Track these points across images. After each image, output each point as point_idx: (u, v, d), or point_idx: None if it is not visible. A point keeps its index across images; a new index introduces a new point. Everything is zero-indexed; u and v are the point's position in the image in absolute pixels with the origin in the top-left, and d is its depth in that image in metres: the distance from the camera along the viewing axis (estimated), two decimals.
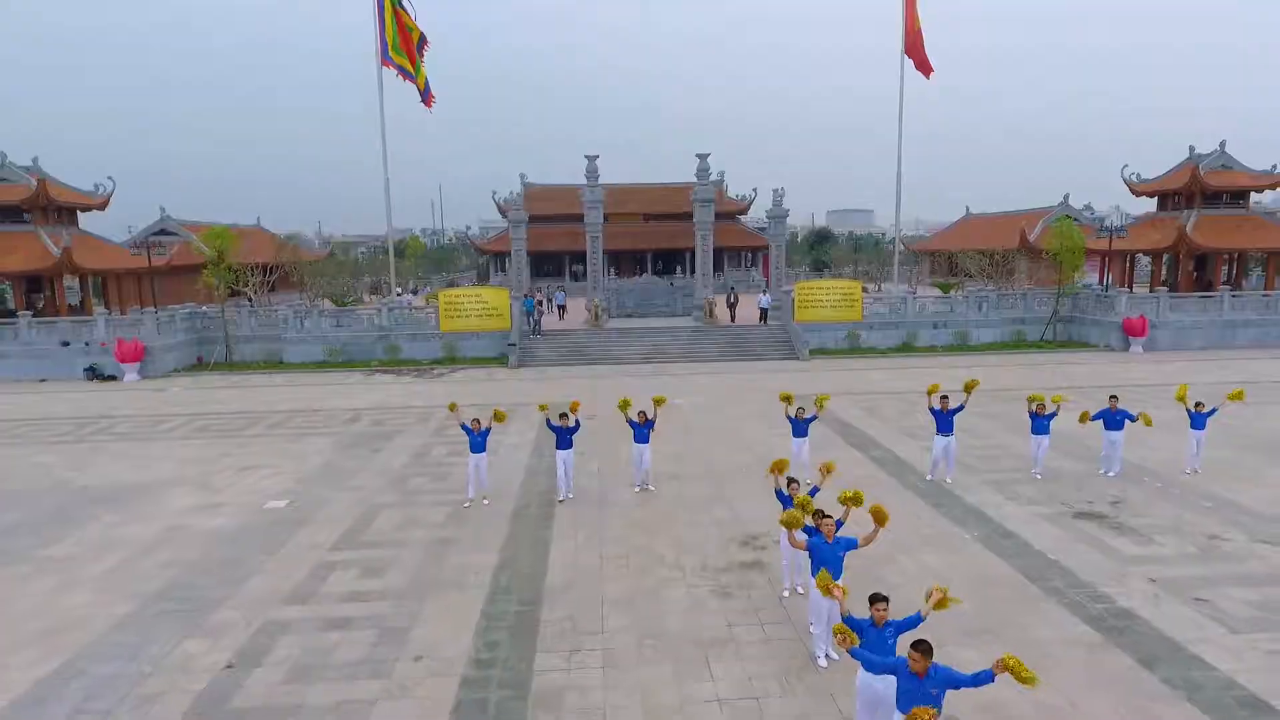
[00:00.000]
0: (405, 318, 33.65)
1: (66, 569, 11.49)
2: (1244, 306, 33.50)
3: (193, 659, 8.83)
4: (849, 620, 6.41)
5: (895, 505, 13.30)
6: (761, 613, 9.74)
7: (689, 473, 15.78)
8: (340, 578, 10.98)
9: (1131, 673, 8.28)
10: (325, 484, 15.49)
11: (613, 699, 7.91)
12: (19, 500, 14.79)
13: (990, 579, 10.61)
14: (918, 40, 41.82)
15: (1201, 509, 13.26)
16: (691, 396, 23.67)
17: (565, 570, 11.11)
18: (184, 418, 22.25)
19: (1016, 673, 5.40)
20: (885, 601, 6.52)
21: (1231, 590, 10.14)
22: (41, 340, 30.13)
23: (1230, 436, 17.95)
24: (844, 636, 6.06)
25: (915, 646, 5.76)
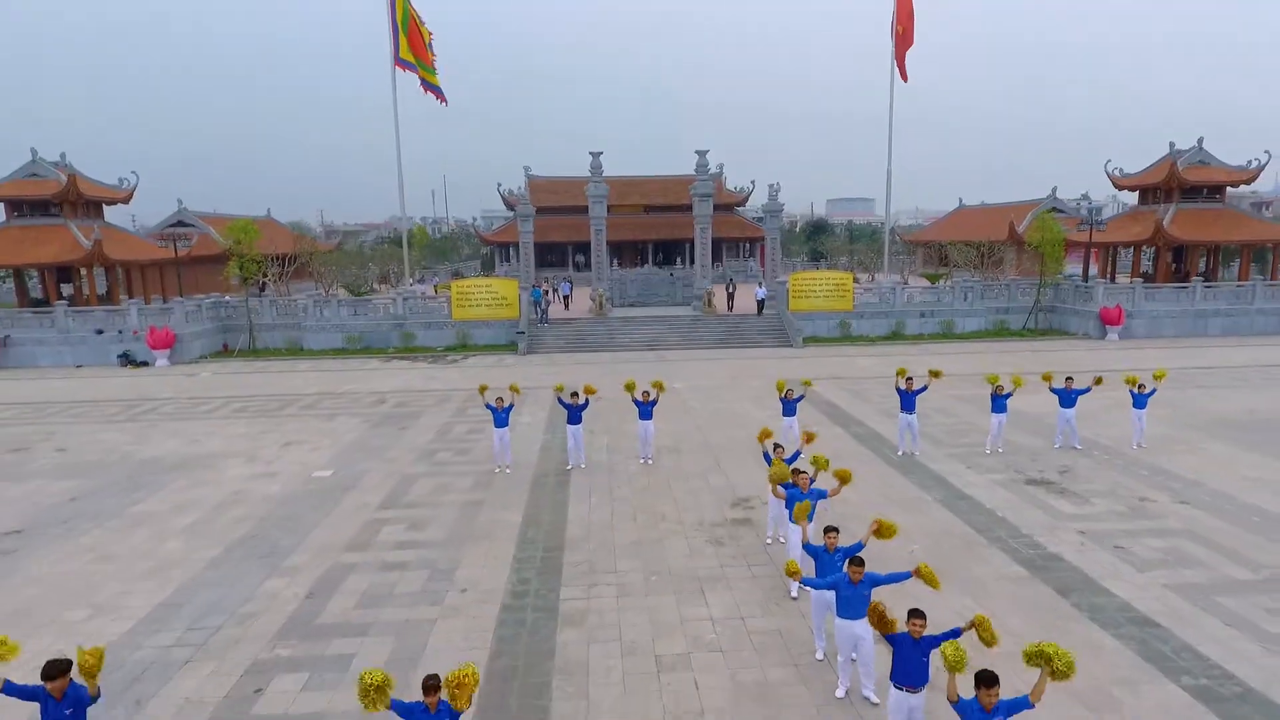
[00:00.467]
0: (419, 307, 35.41)
1: (155, 523, 13.35)
2: (1215, 297, 35.30)
3: (278, 590, 10.70)
4: (807, 547, 8.28)
5: (869, 473, 15.25)
6: (748, 557, 11.61)
7: (687, 447, 17.63)
8: (390, 531, 12.85)
9: (1050, 599, 10.15)
10: (362, 457, 17.34)
11: (626, 618, 9.78)
12: (97, 470, 16.65)
13: (944, 532, 12.47)
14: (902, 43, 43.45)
15: (1139, 476, 15.11)
16: (690, 381, 25.49)
17: (582, 524, 12.98)
18: (221, 400, 24.08)
19: (928, 579, 7.22)
20: (836, 532, 8.36)
21: (1146, 540, 12.00)
22: (77, 328, 31.93)
23: (1180, 415, 19.83)
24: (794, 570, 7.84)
25: (853, 563, 7.60)
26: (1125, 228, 41.03)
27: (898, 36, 44.31)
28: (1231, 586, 10.37)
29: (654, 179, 61.71)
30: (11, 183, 35.36)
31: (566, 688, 8.31)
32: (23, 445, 18.89)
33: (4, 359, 31.17)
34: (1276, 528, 12.35)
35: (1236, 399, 21.85)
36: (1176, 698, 7.98)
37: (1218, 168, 39.44)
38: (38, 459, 17.73)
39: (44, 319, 32.03)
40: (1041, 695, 5.59)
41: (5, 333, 31.35)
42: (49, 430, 20.41)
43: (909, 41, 46.66)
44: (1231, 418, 19.70)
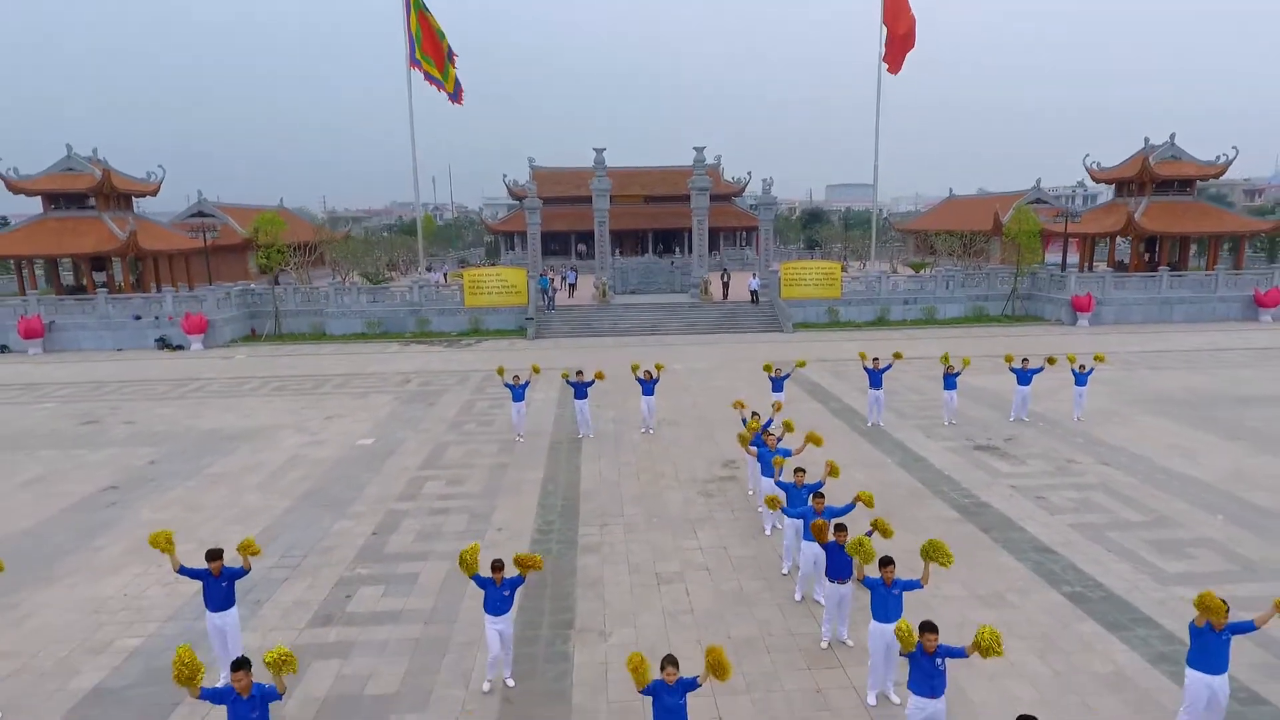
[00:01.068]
0: (433, 294, 37.67)
1: (230, 481, 15.75)
2: (1180, 285, 37.58)
3: (348, 529, 13.10)
4: (779, 483, 10.66)
5: (841, 441, 17.65)
6: (732, 505, 14.01)
7: (684, 420, 20.02)
8: (432, 486, 15.25)
9: (973, 534, 12.56)
10: (399, 428, 19.73)
11: (632, 548, 12.19)
12: (166, 439, 19.04)
13: (896, 486, 14.87)
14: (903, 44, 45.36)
15: (1073, 444, 17.49)
16: (688, 363, 27.84)
17: (593, 480, 15.39)
18: (260, 380, 26.43)
19: (868, 501, 9.54)
20: (803, 472, 10.76)
21: (1064, 492, 14.40)
22: (116, 314, 34.23)
23: (1124, 392, 22.22)
24: (773, 501, 10.22)
25: (815, 496, 9.98)
26: (1100, 219, 43.25)
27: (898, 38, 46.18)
28: (1122, 525, 12.78)
29: (654, 170, 63.76)
30: (48, 177, 37.48)
31: (587, 594, 10.73)
32: (94, 419, 21.28)
33: (49, 343, 33.50)
34: (1175, 482, 14.74)
35: (1180, 379, 24.20)
36: (1055, 600, 10.39)
37: (1188, 162, 41.57)
38: (110, 430, 20.11)
39: (85, 305, 34.32)
40: (927, 579, 7.98)
41: (50, 318, 33.64)
42: (112, 406, 22.79)
43: (910, 43, 48.59)
44: (1171, 395, 22.07)
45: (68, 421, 21.04)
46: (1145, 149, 42.20)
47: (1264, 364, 26.37)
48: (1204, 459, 16.13)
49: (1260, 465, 15.68)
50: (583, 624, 9.98)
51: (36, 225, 37.60)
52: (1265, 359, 27.26)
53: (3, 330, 33.66)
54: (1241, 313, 37.23)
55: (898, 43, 46.65)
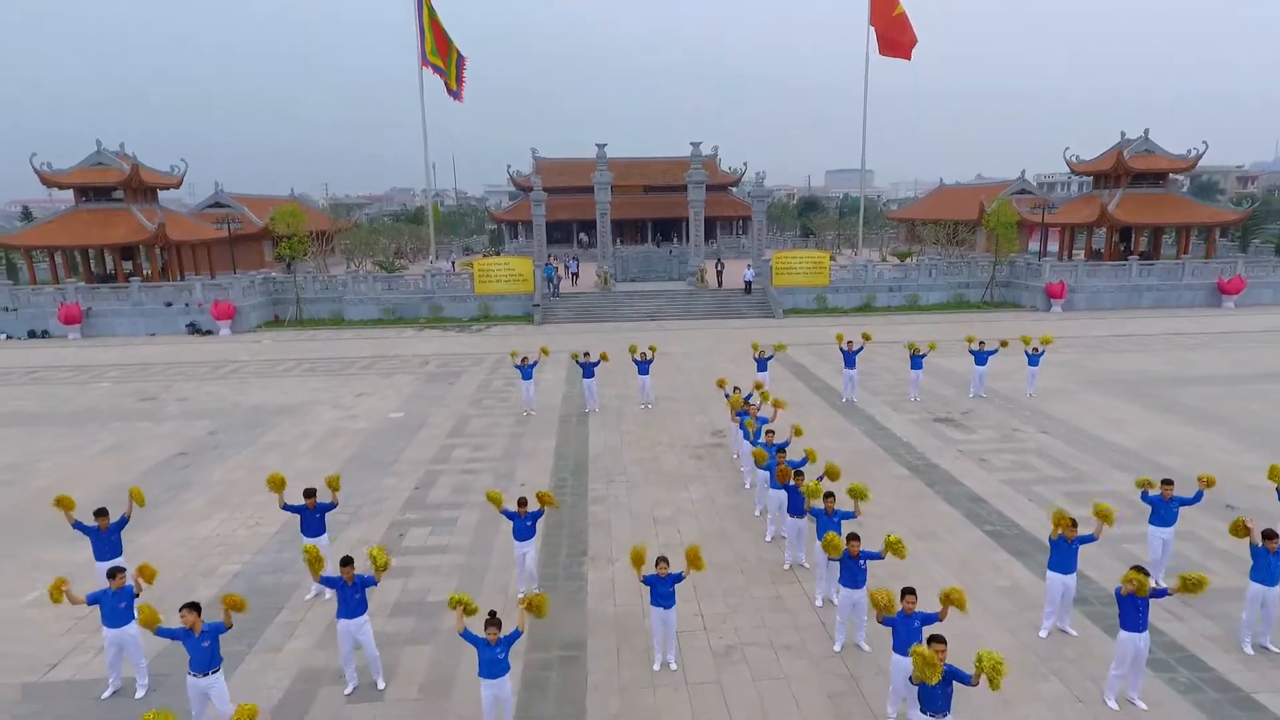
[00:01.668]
0: (445, 282, 39.93)
1: (283, 449, 18.13)
2: (1149, 274, 39.84)
3: (394, 485, 15.50)
4: (757, 442, 13.03)
5: (817, 413, 20.03)
6: (718, 466, 16.40)
7: (679, 396, 22.39)
8: (460, 451, 17.64)
9: (919, 488, 14.94)
10: (424, 403, 22.10)
11: (633, 498, 14.58)
12: (218, 414, 21.41)
13: (860, 451, 17.25)
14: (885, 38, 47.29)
15: (1021, 417, 19.86)
16: (684, 346, 30.17)
17: (599, 446, 17.77)
18: (291, 362, 28.77)
19: (831, 472, 11.85)
20: (772, 433, 13.13)
21: (1004, 455, 16.78)
22: (149, 301, 36.52)
23: (1079, 373, 24.58)
24: (760, 454, 12.55)
25: (780, 451, 12.34)
26: (1077, 210, 45.44)
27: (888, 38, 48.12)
28: (1046, 481, 15.17)
29: (653, 160, 65.73)
30: (79, 171, 39.61)
31: (597, 533, 13.14)
32: (150, 396, 23.65)
33: (87, 328, 35.79)
34: (1100, 448, 17.12)
35: (1132, 361, 26.54)
36: (977, 536, 12.79)
37: (1161, 156, 43.71)
38: (167, 406, 22.48)
39: (120, 293, 36.59)
40: (859, 510, 10.27)
41: (88, 305, 35.92)
42: (162, 385, 25.14)
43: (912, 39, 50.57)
44: (1120, 375, 24.42)
45: (126, 399, 23.41)
46: (1121, 143, 44.32)
47: (1212, 347, 28.70)
48: (1131, 429, 18.51)
49: (1178, 434, 18.06)
50: (594, 553, 12.38)
51: (70, 217, 39.77)
52: (1215, 343, 29.59)
53: (43, 316, 35.97)
54: (1206, 299, 39.50)
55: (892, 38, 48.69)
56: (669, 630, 9.24)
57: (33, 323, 35.91)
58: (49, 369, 28.21)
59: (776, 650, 9.67)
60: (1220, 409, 20.08)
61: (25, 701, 8.95)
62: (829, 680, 9.05)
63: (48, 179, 39.09)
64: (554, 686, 9.01)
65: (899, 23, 50.13)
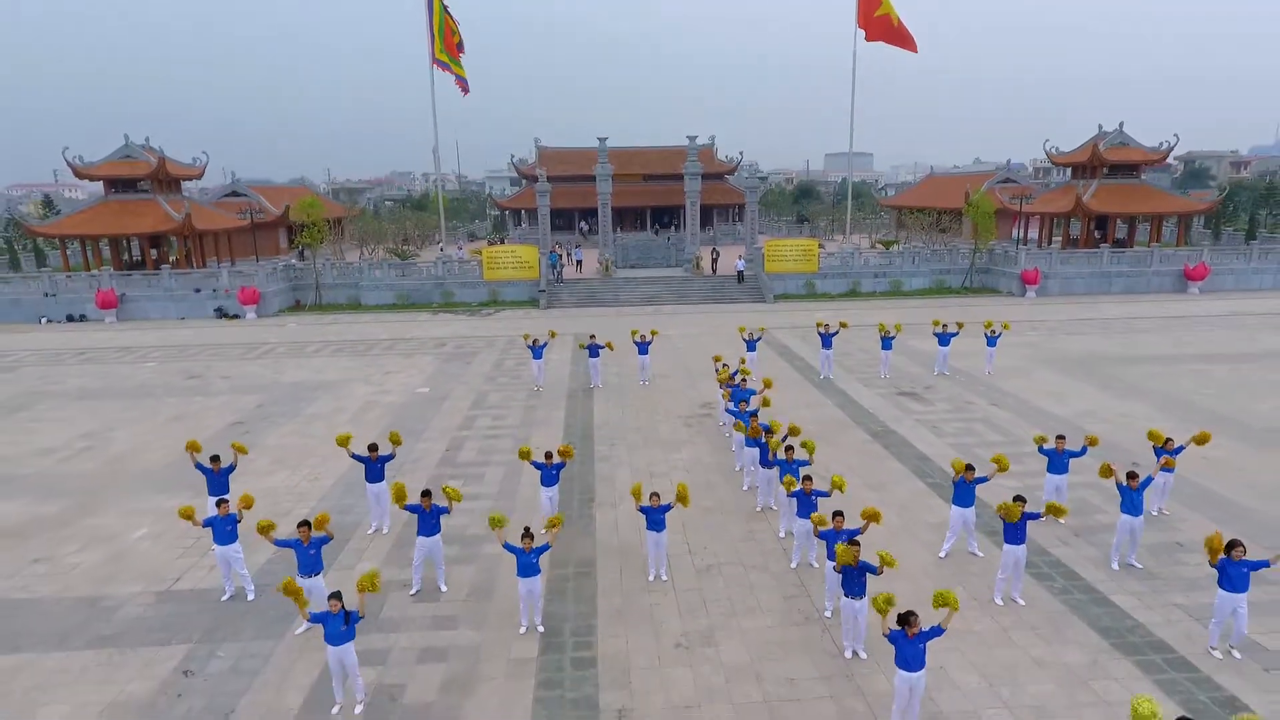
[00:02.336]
0: (456, 269, 42.34)
1: (325, 419, 20.67)
2: (1120, 261, 42.25)
3: (427, 448, 18.06)
4: (730, 410, 15.58)
5: (796, 389, 22.57)
6: (707, 433, 18.97)
7: (674, 374, 24.92)
8: (482, 420, 20.21)
9: (877, 449, 17.51)
10: (446, 380, 24.64)
11: (633, 457, 17.16)
12: (261, 390, 23.95)
13: (830, 420, 19.81)
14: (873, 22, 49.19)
15: (976, 391, 22.41)
16: (679, 329, 32.67)
17: (603, 417, 20.34)
18: (318, 344, 31.28)
19: (793, 430, 14.44)
20: (745, 403, 15.68)
21: (954, 423, 19.35)
22: (179, 287, 38.95)
23: (1037, 353, 27.10)
24: (740, 427, 15.08)
25: (754, 416, 14.88)
26: (1055, 200, 47.75)
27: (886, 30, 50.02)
28: (986, 444, 17.73)
29: (652, 149, 67.83)
30: (109, 164, 41.87)
31: (603, 484, 15.72)
32: (195, 375, 26.18)
33: (121, 313, 38.25)
34: (1039, 417, 19.65)
35: (1089, 342, 29.05)
36: (919, 487, 15.35)
37: (1134, 148, 45.97)
38: (213, 383, 25.01)
39: (152, 279, 39.03)
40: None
41: (122, 291, 38.34)
42: (204, 365, 27.67)
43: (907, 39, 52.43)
44: (1074, 355, 26.94)
45: (175, 377, 25.94)
46: (1097, 136, 46.56)
47: (1166, 331, 31.21)
48: (1070, 402, 21.06)
49: (1110, 406, 20.62)
50: (600, 499, 14.98)
51: (100, 207, 42.10)
52: (1170, 326, 32.10)
53: (80, 302, 38.42)
54: (1173, 285, 41.94)
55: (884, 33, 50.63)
56: (660, 550, 11.82)
57: (70, 307, 38.35)
58: (97, 350, 30.73)
59: (746, 568, 12.27)
60: (1152, 384, 22.63)
61: (161, 604, 11.54)
62: (785, 587, 11.65)
63: (80, 171, 41.36)
64: (572, 591, 11.62)
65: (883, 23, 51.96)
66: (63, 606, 11.45)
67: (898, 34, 50.70)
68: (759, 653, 10.03)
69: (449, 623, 10.87)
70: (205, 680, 9.66)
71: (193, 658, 10.14)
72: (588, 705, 9.06)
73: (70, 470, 17.22)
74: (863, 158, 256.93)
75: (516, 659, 10.00)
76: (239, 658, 10.11)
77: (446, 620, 10.93)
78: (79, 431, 20.02)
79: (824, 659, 9.90)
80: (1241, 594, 9.59)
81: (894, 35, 50.79)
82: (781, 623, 10.73)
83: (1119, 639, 10.16)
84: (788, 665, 9.77)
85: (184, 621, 11.01)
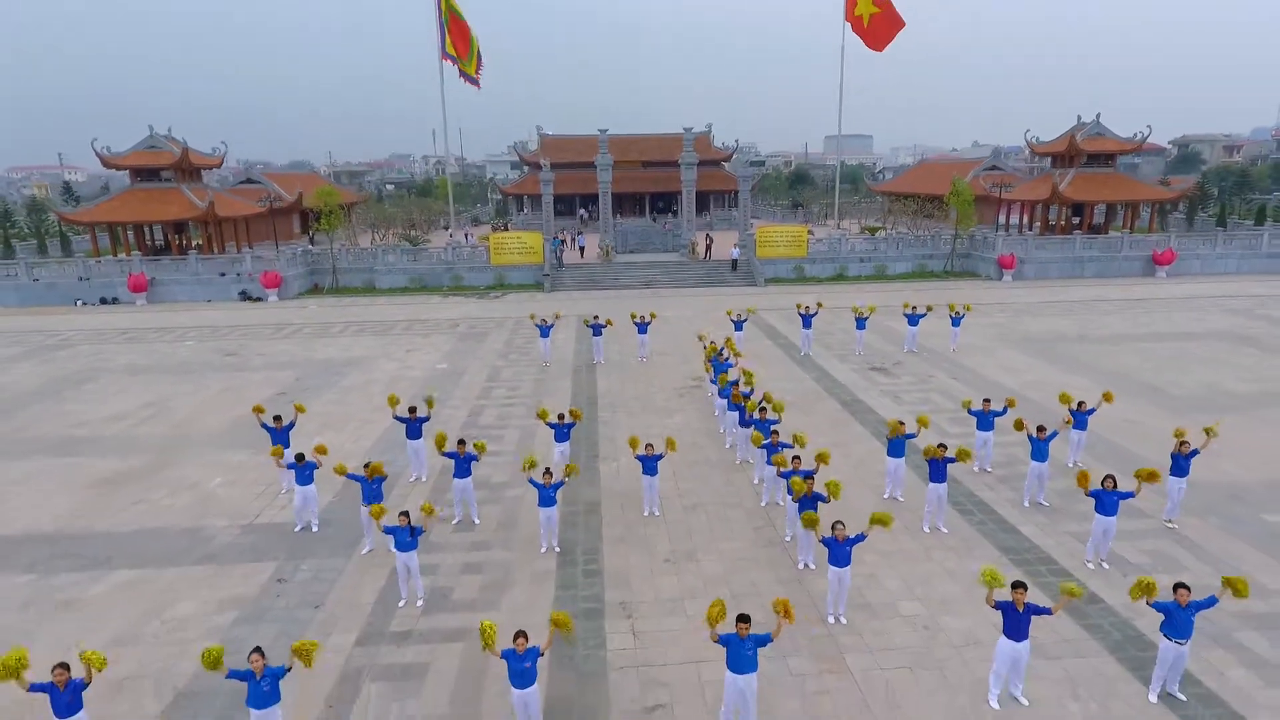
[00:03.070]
0: (465, 254, 44.76)
1: (359, 390, 23.26)
2: (1091, 246, 44.68)
3: (452, 413, 20.67)
4: (712, 381, 18.18)
5: (778, 364, 25.17)
6: (697, 402, 21.57)
7: (669, 352, 27.49)
8: (498, 391, 22.81)
9: (844, 415, 20.12)
10: (462, 356, 27.21)
11: (632, 422, 19.77)
12: (295, 365, 26.51)
13: (806, 392, 22.41)
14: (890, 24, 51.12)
15: (940, 367, 24.99)
16: (675, 310, 35.19)
17: (605, 387, 22.94)
18: (341, 324, 33.80)
19: (767, 397, 17.04)
20: (725, 374, 18.27)
21: (915, 393, 21.95)
22: (205, 271, 41.40)
23: (1001, 333, 29.64)
24: (723, 378, 17.65)
25: (735, 386, 17.46)
26: (1035, 188, 50.07)
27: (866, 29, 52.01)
28: (938, 410, 20.33)
29: (650, 137, 69.94)
30: (135, 154, 44.13)
31: (605, 443, 18.34)
32: (232, 352, 28.73)
33: (151, 296, 40.72)
34: (990, 387, 22.20)
35: (1051, 323, 31.59)
36: (875, 445, 17.95)
37: (1110, 139, 48.25)
38: (250, 360, 27.57)
39: (179, 264, 41.47)
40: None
41: (152, 275, 40.79)
42: (238, 344, 30.21)
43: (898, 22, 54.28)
44: (1035, 335, 29.49)
45: (213, 355, 28.49)
46: (1075, 126, 48.80)
47: (1125, 312, 33.74)
48: (1021, 375, 23.66)
49: (1055, 378, 23.19)
50: (604, 455, 17.63)
51: (127, 195, 44.43)
52: (1130, 308, 34.63)
53: (111, 285, 40.86)
54: (1142, 270, 44.39)
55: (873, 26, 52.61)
56: (653, 492, 14.45)
57: (103, 291, 40.80)
58: (137, 330, 33.26)
59: (725, 507, 14.92)
60: (1098, 361, 25.23)
61: (246, 534, 14.18)
62: (755, 521, 14.31)
63: (108, 161, 43.65)
64: (582, 523, 14.28)
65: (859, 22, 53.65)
66: (169, 535, 14.11)
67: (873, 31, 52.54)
68: (730, 566, 12.69)
69: (483, 545, 13.53)
70: (295, 585, 12.32)
71: (282, 570, 12.79)
72: (596, 600, 11.73)
73: (144, 433, 19.84)
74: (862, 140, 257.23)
75: (538, 571, 12.66)
76: (319, 570, 12.77)
77: (481, 544, 13.59)
78: (141, 401, 22.61)
79: (782, 570, 12.56)
80: (1111, 518, 12.23)
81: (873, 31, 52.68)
82: (751, 545, 13.39)
83: (1016, 555, 12.83)
84: (753, 575, 12.43)
85: (269, 546, 13.66)
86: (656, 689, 9.73)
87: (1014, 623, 9.06)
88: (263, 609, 11.64)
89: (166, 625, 11.26)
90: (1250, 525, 13.82)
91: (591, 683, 9.89)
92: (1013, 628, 9.07)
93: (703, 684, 9.75)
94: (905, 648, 10.47)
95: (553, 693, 9.62)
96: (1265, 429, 18.66)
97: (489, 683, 9.81)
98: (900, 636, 10.73)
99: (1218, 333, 29.17)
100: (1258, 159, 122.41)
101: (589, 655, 10.42)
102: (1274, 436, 18.17)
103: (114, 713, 9.34)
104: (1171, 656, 9.19)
